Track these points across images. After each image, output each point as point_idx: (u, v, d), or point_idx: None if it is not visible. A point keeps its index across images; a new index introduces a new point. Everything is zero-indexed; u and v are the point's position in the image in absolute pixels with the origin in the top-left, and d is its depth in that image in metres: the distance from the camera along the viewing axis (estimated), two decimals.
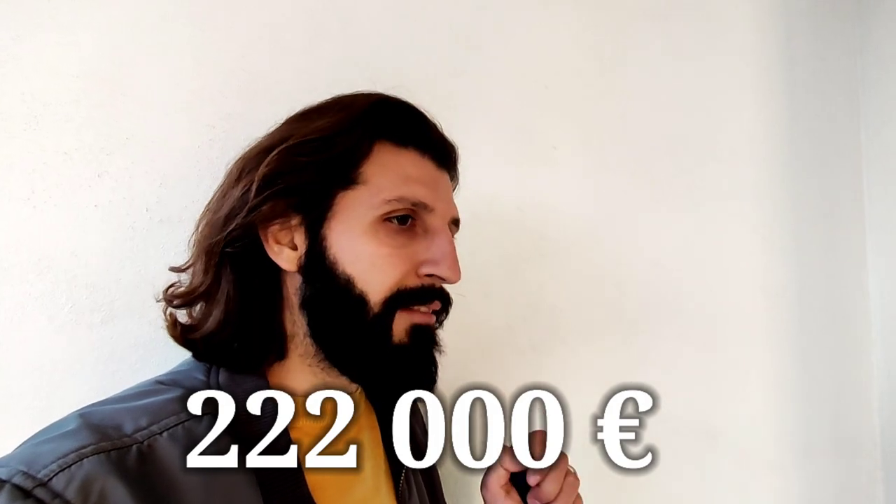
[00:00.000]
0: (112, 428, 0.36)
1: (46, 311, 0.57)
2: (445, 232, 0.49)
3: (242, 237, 0.44)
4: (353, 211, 0.45)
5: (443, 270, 0.47)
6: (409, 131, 0.49)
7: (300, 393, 0.46)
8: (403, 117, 0.49)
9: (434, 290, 0.48)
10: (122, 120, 0.60)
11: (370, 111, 0.47)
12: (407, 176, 0.47)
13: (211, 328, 0.44)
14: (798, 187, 1.07)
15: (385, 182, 0.46)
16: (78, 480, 0.32)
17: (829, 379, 1.08)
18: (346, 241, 0.45)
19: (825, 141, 1.12)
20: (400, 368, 0.46)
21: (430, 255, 0.47)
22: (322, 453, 0.45)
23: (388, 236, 0.45)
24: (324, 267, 0.45)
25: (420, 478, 0.58)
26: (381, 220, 0.45)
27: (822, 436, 1.05)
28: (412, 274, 0.46)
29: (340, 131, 0.46)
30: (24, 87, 0.57)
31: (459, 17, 0.80)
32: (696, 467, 0.93)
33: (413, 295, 0.46)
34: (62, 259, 0.58)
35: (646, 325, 0.90)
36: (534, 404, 0.51)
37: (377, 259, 0.45)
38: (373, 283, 0.45)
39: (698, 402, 0.94)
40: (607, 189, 0.89)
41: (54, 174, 0.58)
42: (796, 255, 1.06)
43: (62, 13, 0.59)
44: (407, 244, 0.46)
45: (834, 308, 1.10)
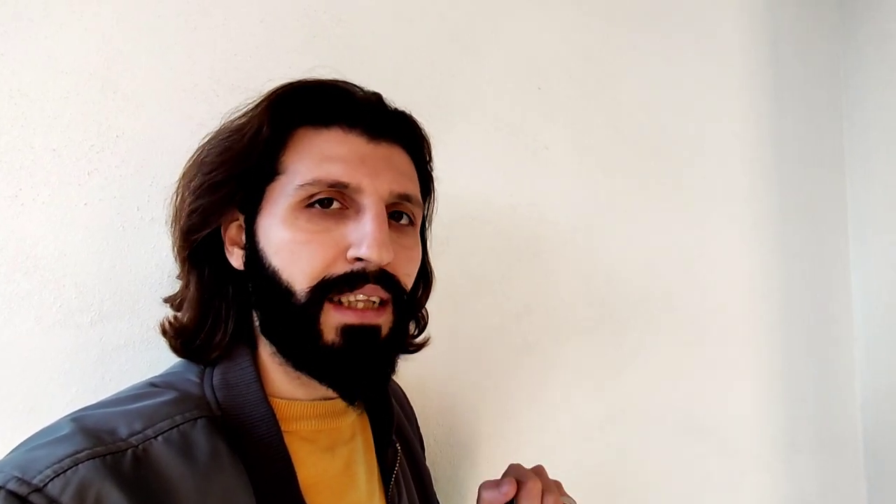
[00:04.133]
0: (106, 432, 0.36)
1: (34, 311, 0.56)
2: (373, 209, 0.43)
3: (206, 244, 0.46)
4: (275, 201, 0.44)
5: (363, 251, 0.42)
6: (328, 109, 0.46)
7: (290, 394, 0.46)
8: (319, 96, 0.46)
9: (364, 274, 0.43)
10: (112, 117, 0.59)
11: (280, 100, 0.46)
12: (323, 156, 0.44)
13: (188, 326, 0.45)
14: (783, 189, 1.09)
15: (301, 167, 0.44)
16: (73, 486, 0.32)
17: (814, 377, 1.10)
18: (270, 233, 0.44)
19: (810, 144, 1.14)
20: (332, 372, 0.44)
21: (356, 236, 0.43)
22: (315, 457, 0.45)
23: (308, 222, 0.43)
24: (257, 262, 0.44)
25: (410, 479, 0.58)
26: (302, 207, 0.43)
27: (807, 432, 1.08)
28: (341, 259, 0.43)
29: (257, 126, 0.45)
30: (11, 84, 0.56)
31: (454, 18, 0.80)
32: (684, 463, 0.94)
33: (339, 281, 0.42)
34: (50, 258, 0.57)
35: (636, 323, 0.92)
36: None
37: (294, 246, 0.43)
38: (295, 272, 0.42)
39: (686, 400, 0.95)
40: (599, 189, 0.90)
41: (42, 172, 0.56)
42: (782, 255, 1.08)
43: (52, 9, 0.57)
44: (331, 228, 0.43)
45: (818, 307, 1.12)
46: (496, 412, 0.79)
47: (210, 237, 0.46)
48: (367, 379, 0.45)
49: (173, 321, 0.47)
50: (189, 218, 0.45)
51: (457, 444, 0.76)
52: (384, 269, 0.44)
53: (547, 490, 0.51)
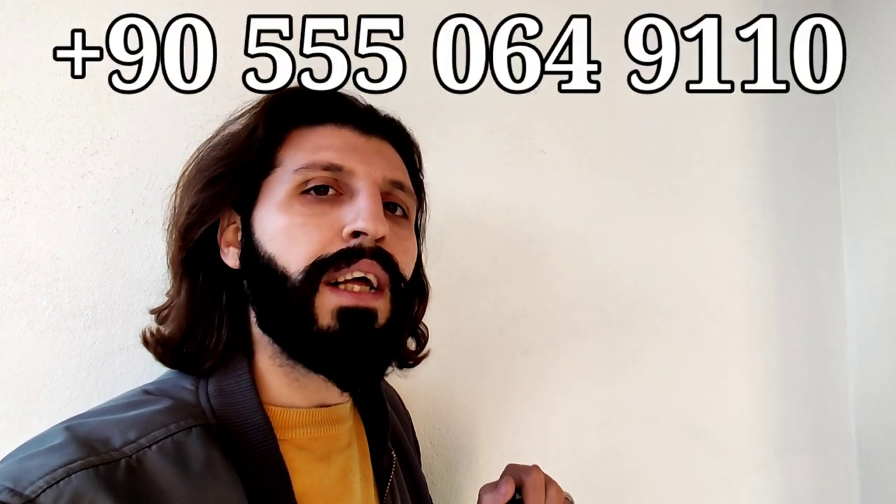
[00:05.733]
0: (100, 441, 0.35)
1: (26, 315, 0.55)
2: (367, 188, 0.44)
3: (202, 248, 0.46)
4: (271, 191, 0.45)
5: (358, 223, 0.42)
6: (322, 109, 0.48)
7: (287, 401, 0.46)
8: (314, 99, 0.49)
9: (360, 249, 0.43)
10: (106, 119, 0.59)
11: (277, 102, 0.48)
12: (318, 146, 0.46)
13: (173, 337, 0.45)
14: (778, 193, 1.10)
15: (298, 157, 0.45)
16: (66, 496, 0.32)
17: (808, 378, 1.11)
18: (266, 222, 0.44)
19: (804, 149, 1.15)
20: (327, 358, 0.43)
21: (352, 215, 0.43)
22: (311, 465, 0.45)
23: (303, 206, 0.44)
24: (253, 253, 0.44)
25: (405, 484, 0.58)
26: (297, 193, 0.44)
27: (801, 433, 1.08)
28: (336, 239, 0.43)
29: (254, 127, 0.46)
30: (3, 86, 0.55)
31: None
32: (680, 465, 0.94)
33: (334, 259, 0.42)
34: (43, 262, 0.56)
35: (631, 326, 0.92)
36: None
37: (291, 230, 0.43)
38: (290, 255, 0.43)
39: (682, 402, 0.95)
40: (594, 192, 0.90)
41: (35, 175, 0.56)
42: (776, 258, 1.08)
43: (44, 9, 0.57)
44: (327, 212, 0.44)
45: (812, 311, 1.13)
46: (492, 415, 0.79)
47: (206, 242, 0.46)
48: (363, 365, 0.44)
49: (155, 332, 0.46)
50: (188, 216, 0.46)
51: (453, 447, 0.76)
52: (380, 247, 0.44)
53: (549, 481, 0.52)
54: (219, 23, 0.64)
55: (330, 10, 0.70)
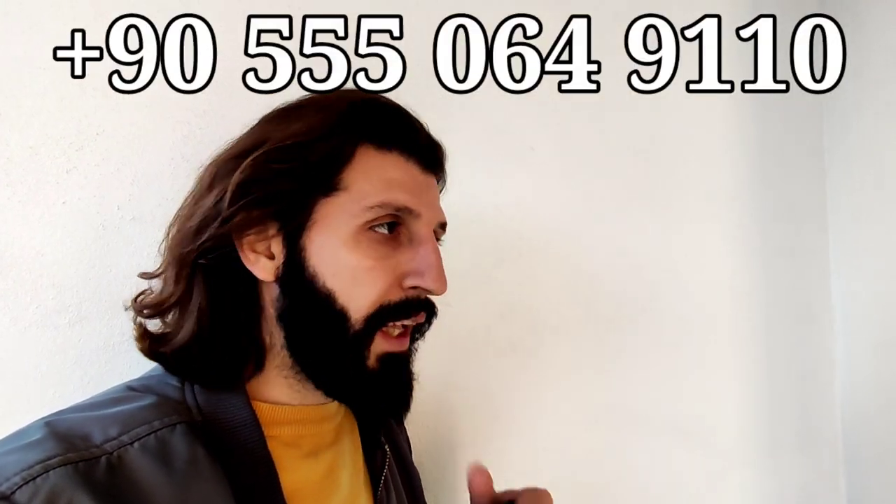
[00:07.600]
0: (80, 438, 0.35)
1: (10, 311, 0.55)
2: (431, 240, 0.46)
3: (216, 247, 0.42)
4: (335, 219, 0.43)
5: (428, 282, 0.44)
6: (393, 133, 0.46)
7: (276, 398, 0.45)
8: (387, 118, 0.46)
9: (419, 301, 0.45)
10: (91, 114, 0.58)
11: (351, 113, 0.44)
12: (390, 180, 0.44)
13: (182, 342, 0.42)
14: (765, 190, 1.10)
15: (367, 187, 0.43)
16: (43, 494, 0.31)
17: (794, 376, 1.11)
18: (327, 253, 0.43)
19: (790, 145, 1.16)
20: (370, 395, 0.44)
21: (415, 266, 0.44)
22: (298, 462, 0.45)
23: (370, 247, 0.43)
24: (303, 279, 0.43)
25: (400, 481, 0.57)
26: (364, 229, 0.43)
27: (788, 431, 1.09)
28: (396, 286, 0.44)
29: (320, 136, 0.43)
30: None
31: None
32: (667, 463, 0.95)
33: (396, 309, 0.44)
34: (27, 258, 0.55)
35: (619, 323, 0.92)
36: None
37: (359, 273, 0.42)
38: (355, 298, 0.42)
39: (669, 400, 0.96)
40: (584, 190, 0.90)
41: (19, 170, 0.55)
42: (763, 255, 1.09)
43: (27, 2, 0.56)
44: (391, 255, 0.44)
45: (799, 308, 1.14)
46: (480, 413, 0.79)
47: (218, 244, 0.43)
48: (399, 403, 0.46)
49: (156, 332, 0.44)
50: (228, 217, 0.41)
51: (442, 444, 0.76)
52: (428, 297, 0.46)
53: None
54: (219, 23, 0.64)
55: (330, 10, 0.70)
